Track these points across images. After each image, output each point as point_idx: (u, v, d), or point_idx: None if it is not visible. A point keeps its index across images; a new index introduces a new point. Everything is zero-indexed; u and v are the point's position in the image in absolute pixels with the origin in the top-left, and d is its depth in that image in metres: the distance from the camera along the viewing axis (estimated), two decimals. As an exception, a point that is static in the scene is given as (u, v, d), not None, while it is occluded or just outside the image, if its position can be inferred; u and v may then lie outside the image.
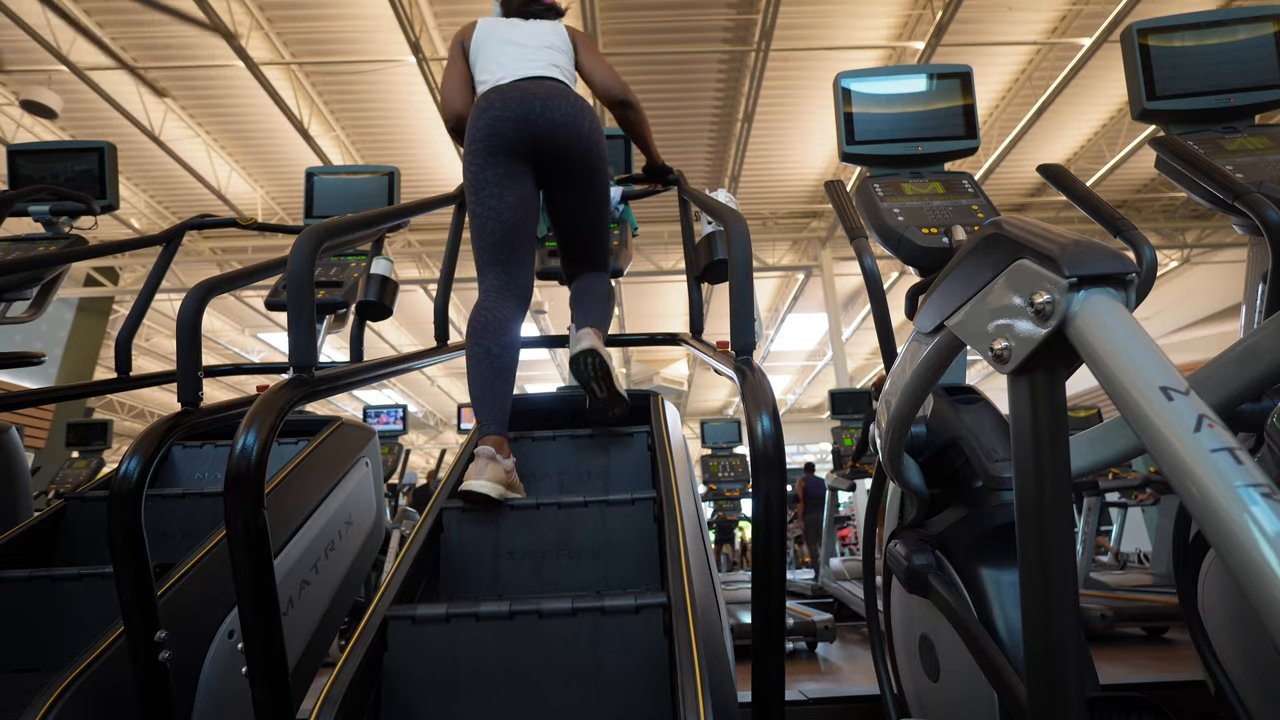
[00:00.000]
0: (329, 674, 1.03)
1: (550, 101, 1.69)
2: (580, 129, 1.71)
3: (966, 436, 1.20)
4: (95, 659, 1.17)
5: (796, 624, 3.19)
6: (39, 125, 7.18)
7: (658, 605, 1.14)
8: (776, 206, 9.50)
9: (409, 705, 1.11)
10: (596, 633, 1.14)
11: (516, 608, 1.14)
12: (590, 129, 1.73)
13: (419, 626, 1.14)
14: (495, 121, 1.67)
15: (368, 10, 5.92)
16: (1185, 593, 1.08)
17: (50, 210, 2.23)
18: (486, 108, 1.70)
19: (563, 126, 1.69)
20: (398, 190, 2.47)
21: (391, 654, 1.13)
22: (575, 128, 1.70)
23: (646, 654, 1.12)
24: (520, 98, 1.69)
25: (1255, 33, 1.62)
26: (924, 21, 6.19)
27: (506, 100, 1.69)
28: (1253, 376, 0.75)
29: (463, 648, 1.13)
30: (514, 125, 1.67)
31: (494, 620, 1.14)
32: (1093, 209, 1.44)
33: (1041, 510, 0.57)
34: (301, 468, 1.71)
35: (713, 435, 6.79)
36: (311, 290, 1.11)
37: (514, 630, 1.14)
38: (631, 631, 1.13)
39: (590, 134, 1.73)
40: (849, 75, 1.75)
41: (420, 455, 18.69)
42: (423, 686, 1.12)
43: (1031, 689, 0.60)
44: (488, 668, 1.12)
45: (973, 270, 0.65)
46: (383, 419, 6.03)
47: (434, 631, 1.14)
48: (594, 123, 1.75)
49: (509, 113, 1.67)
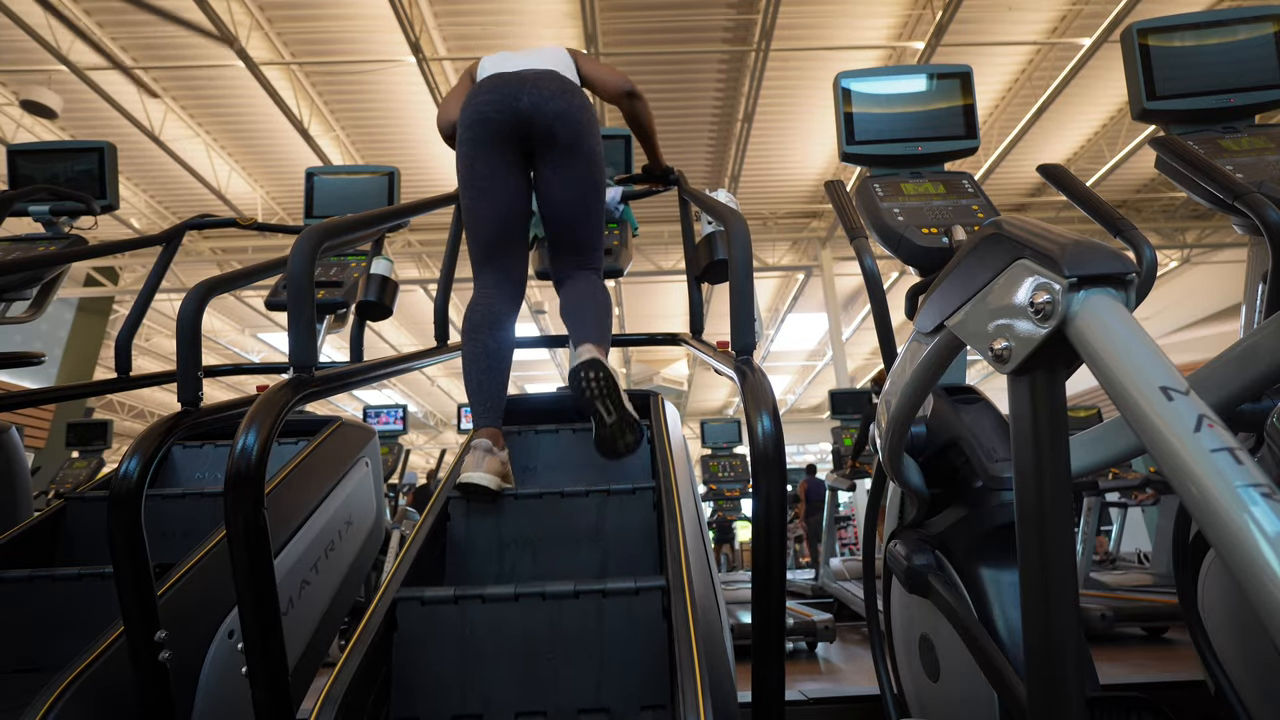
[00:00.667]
0: (329, 674, 1.03)
1: (539, 82, 1.68)
2: (570, 102, 1.68)
3: (966, 436, 1.20)
4: (95, 659, 1.17)
5: (796, 624, 3.19)
6: (39, 125, 7.18)
7: (656, 588, 1.18)
8: (776, 206, 9.50)
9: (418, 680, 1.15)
10: (599, 613, 1.17)
11: (521, 590, 1.18)
12: (580, 106, 1.70)
13: (428, 608, 1.18)
14: (482, 106, 1.67)
15: (368, 10, 5.92)
16: (1185, 593, 1.08)
17: (50, 210, 2.23)
18: (474, 95, 1.71)
19: (549, 99, 1.66)
20: (398, 190, 2.47)
21: (401, 633, 1.17)
22: (564, 100, 1.67)
23: (647, 633, 1.16)
24: (510, 82, 1.68)
25: (1255, 33, 1.62)
26: (924, 21, 6.19)
27: (494, 87, 1.69)
28: (1253, 376, 0.75)
29: (470, 627, 1.17)
30: (499, 106, 1.66)
31: (499, 602, 1.18)
32: (1093, 209, 1.44)
33: (1041, 510, 0.57)
34: (301, 468, 1.71)
35: (713, 435, 6.79)
36: (311, 290, 1.11)
37: (519, 610, 1.17)
38: (632, 612, 1.18)
39: (580, 110, 1.70)
40: (849, 75, 1.75)
41: (420, 455, 18.69)
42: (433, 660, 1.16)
43: (1031, 689, 0.60)
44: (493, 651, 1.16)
45: (973, 270, 0.65)
46: (383, 419, 6.03)
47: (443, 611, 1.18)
48: (584, 101, 1.72)
49: (495, 95, 1.67)
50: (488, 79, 1.74)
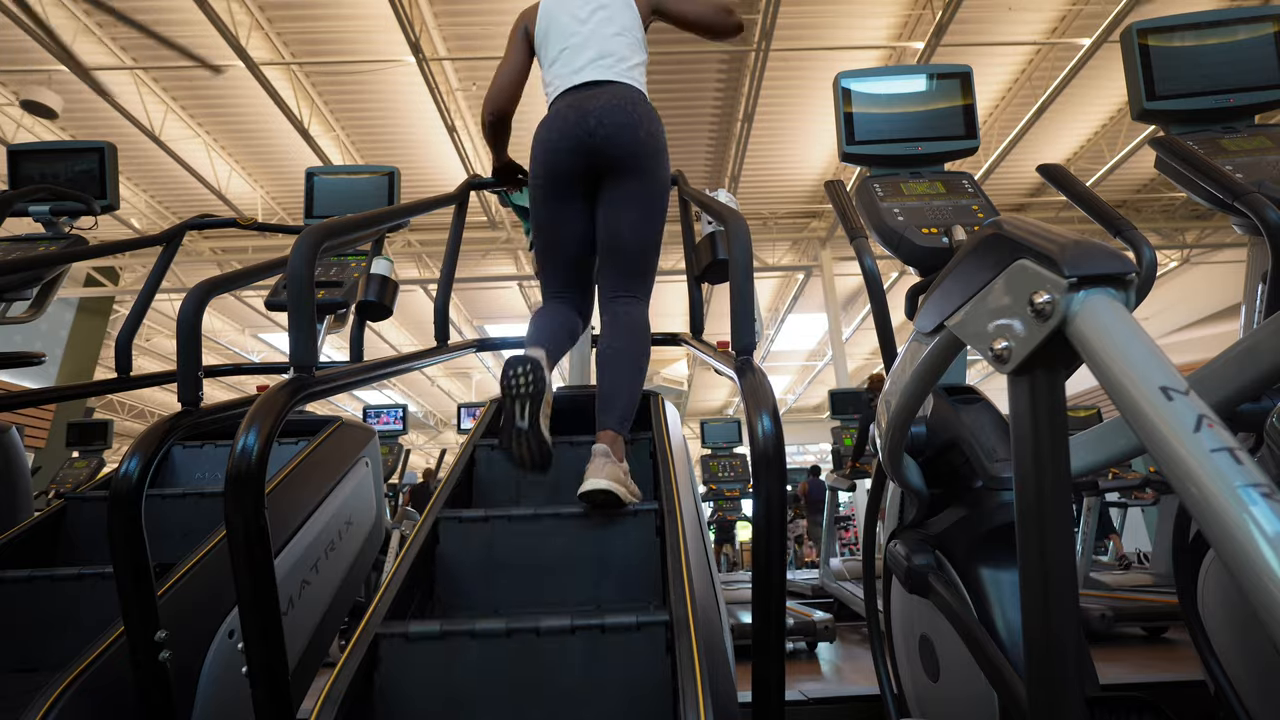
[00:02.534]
0: (329, 674, 1.03)
1: (606, 116, 1.68)
2: (636, 134, 1.69)
3: (966, 436, 1.20)
4: (95, 659, 1.17)
5: (796, 624, 3.19)
6: (39, 125, 7.18)
7: (660, 623, 1.11)
8: (776, 206, 9.50)
9: None
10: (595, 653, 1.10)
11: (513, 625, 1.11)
12: (647, 134, 1.70)
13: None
14: (552, 154, 1.71)
15: (368, 10, 5.92)
16: (1185, 593, 1.09)
17: (50, 210, 2.23)
18: (545, 139, 1.72)
19: (618, 131, 1.67)
20: (398, 190, 2.47)
21: None
22: (631, 132, 1.68)
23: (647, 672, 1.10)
24: (576, 120, 1.69)
25: (1255, 33, 1.62)
26: (924, 21, 6.19)
27: (564, 126, 1.70)
28: (1253, 376, 0.75)
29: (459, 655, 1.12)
30: (571, 152, 1.69)
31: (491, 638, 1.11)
32: (1092, 209, 1.44)
33: (1041, 510, 0.57)
34: (301, 468, 1.71)
35: (713, 435, 6.79)
36: (311, 290, 1.11)
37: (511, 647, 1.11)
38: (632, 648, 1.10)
39: (647, 138, 1.70)
40: (849, 75, 1.75)
41: (420, 455, 18.69)
42: None
43: (1031, 689, 0.60)
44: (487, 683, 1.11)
45: (973, 270, 0.65)
46: (383, 419, 6.03)
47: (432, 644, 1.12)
48: (651, 127, 1.72)
49: (566, 140, 1.69)
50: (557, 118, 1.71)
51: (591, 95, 1.71)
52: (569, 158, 1.70)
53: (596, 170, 1.71)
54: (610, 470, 1.39)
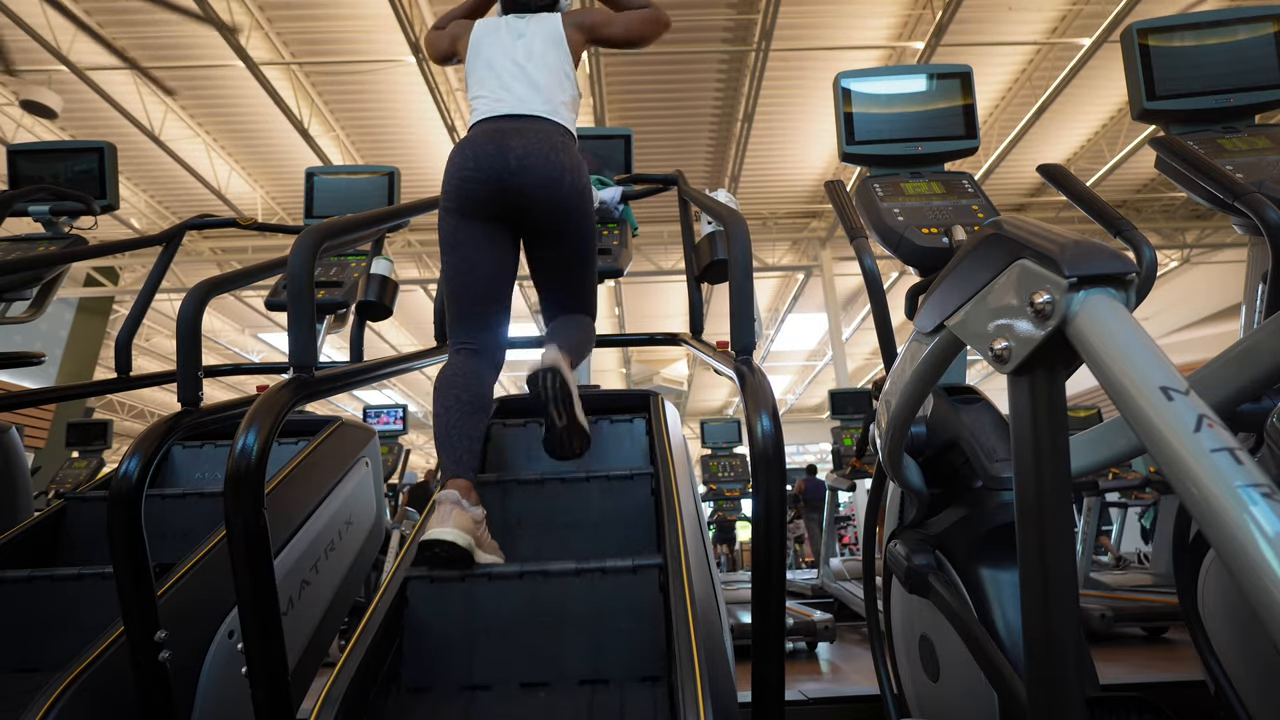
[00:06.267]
0: (329, 674, 1.03)
1: (527, 160, 1.56)
2: (560, 188, 1.58)
3: (966, 436, 1.20)
4: (95, 659, 1.17)
5: (796, 624, 3.19)
6: (39, 125, 7.18)
7: (653, 565, 1.22)
8: (776, 206, 9.50)
9: None
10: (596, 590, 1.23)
11: (526, 568, 1.23)
12: (570, 185, 1.59)
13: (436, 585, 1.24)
14: (467, 183, 1.57)
15: (368, 10, 5.92)
16: (1185, 593, 1.08)
17: (50, 210, 2.23)
18: (460, 165, 1.58)
19: (538, 189, 1.56)
20: (398, 190, 2.47)
21: None
22: (554, 188, 1.57)
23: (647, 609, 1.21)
24: (495, 153, 1.56)
25: (1255, 33, 1.62)
26: (924, 21, 6.19)
27: (480, 157, 1.57)
28: (1253, 376, 0.75)
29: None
30: (488, 188, 1.56)
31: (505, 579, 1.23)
32: (1093, 209, 1.44)
33: (1041, 510, 0.57)
34: (301, 468, 1.71)
35: (713, 435, 6.78)
36: (311, 290, 1.12)
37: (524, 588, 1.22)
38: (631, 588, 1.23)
39: (570, 191, 1.59)
40: (849, 75, 1.75)
41: (420, 455, 18.69)
42: None
43: (1031, 689, 0.60)
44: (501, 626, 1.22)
45: (973, 270, 0.65)
46: (383, 419, 6.03)
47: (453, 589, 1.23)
48: (574, 176, 1.60)
49: (481, 173, 1.56)
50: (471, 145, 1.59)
51: (516, 130, 1.59)
52: (485, 189, 1.57)
53: (514, 210, 1.59)
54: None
